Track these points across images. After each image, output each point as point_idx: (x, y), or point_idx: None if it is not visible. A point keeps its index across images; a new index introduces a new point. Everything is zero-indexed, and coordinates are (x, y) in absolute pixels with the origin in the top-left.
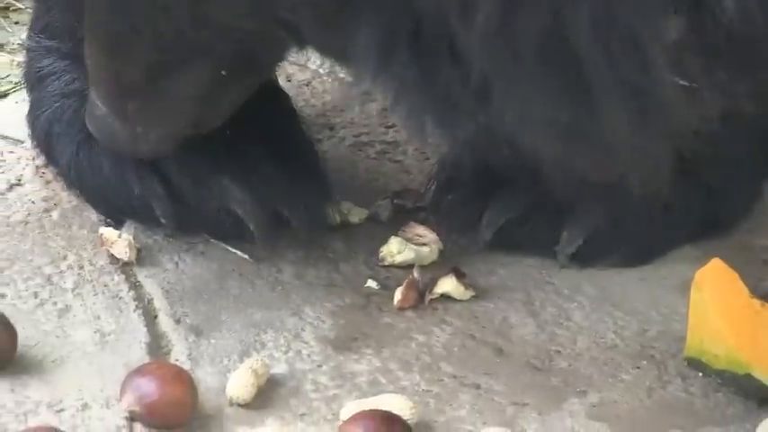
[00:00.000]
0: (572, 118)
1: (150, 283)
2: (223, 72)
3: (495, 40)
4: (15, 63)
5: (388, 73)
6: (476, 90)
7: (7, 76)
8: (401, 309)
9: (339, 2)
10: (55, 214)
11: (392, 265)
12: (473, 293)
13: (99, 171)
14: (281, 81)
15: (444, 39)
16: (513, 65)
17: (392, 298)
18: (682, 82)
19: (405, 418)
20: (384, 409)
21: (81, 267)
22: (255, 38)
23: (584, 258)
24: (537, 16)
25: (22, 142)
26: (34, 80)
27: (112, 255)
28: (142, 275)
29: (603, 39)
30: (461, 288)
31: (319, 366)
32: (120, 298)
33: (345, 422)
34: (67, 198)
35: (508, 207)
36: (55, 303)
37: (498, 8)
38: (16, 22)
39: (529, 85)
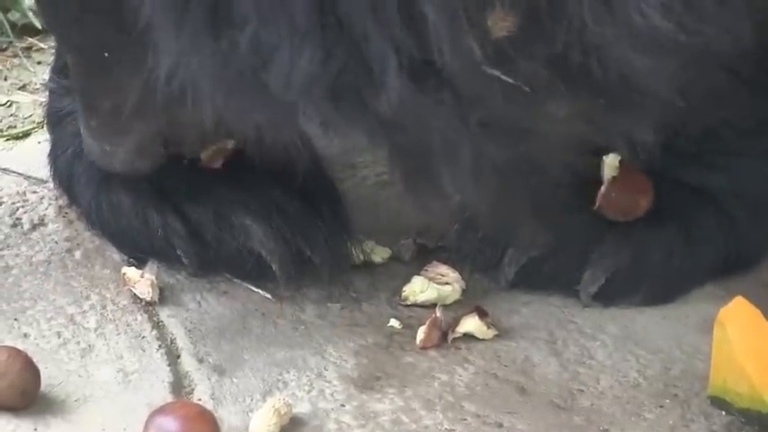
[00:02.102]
0: (347, 81)
1: (173, 323)
2: None
3: (267, 3)
4: (38, 103)
5: (180, 35)
6: (251, 51)
7: (30, 115)
8: (424, 348)
9: None
10: (78, 254)
11: (415, 305)
12: (496, 332)
13: (120, 211)
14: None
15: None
16: (282, 23)
17: (415, 337)
18: (503, 77)
19: None
20: None
21: (104, 307)
22: None
23: (606, 297)
24: None
25: (45, 182)
26: (54, 120)
27: (135, 294)
28: (165, 315)
29: (376, 7)
30: (484, 327)
31: (342, 406)
32: (143, 337)
33: None
34: (90, 238)
35: (530, 246)
36: (78, 343)
37: None
38: (39, 62)
39: (295, 49)
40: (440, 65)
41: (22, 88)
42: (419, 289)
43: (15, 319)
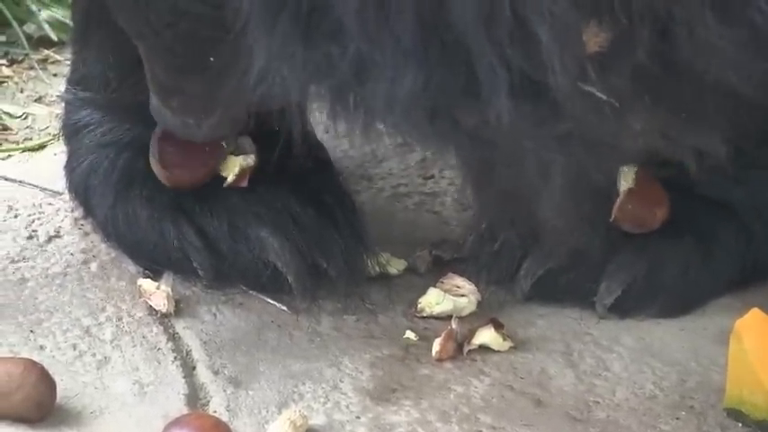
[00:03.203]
0: (449, 101)
1: (188, 335)
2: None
3: (372, 18)
4: (54, 115)
5: (272, 39)
6: (352, 68)
7: (46, 128)
8: (439, 360)
9: None
10: (93, 266)
11: (430, 317)
12: (511, 344)
13: (136, 223)
14: (319, 133)
15: (323, 11)
16: (388, 44)
17: (430, 349)
18: (598, 93)
19: None
20: None
21: (119, 319)
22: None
23: (622, 309)
24: None
25: (61, 194)
26: (71, 132)
27: (151, 306)
28: (180, 327)
29: (487, 22)
30: (500, 339)
31: (357, 418)
32: (159, 349)
33: None
34: (106, 250)
35: (547, 258)
36: (94, 355)
37: None
38: (55, 75)
39: (403, 66)
40: (551, 84)
41: (38, 100)
42: (435, 301)
43: (31, 331)
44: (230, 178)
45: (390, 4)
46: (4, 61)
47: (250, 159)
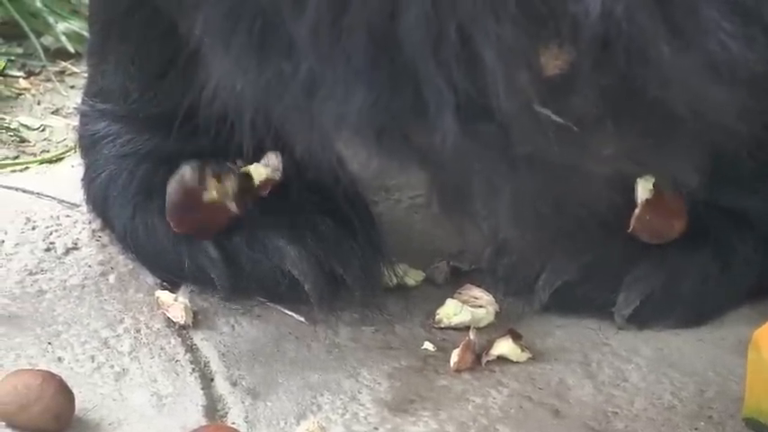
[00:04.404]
0: (399, 120)
1: (206, 346)
2: None
3: (324, 36)
4: (71, 127)
5: (227, 57)
6: (303, 85)
7: (63, 140)
8: (458, 371)
9: None
10: (111, 278)
11: (448, 328)
12: (530, 355)
13: (154, 235)
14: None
15: (279, 28)
16: (338, 63)
17: (449, 360)
18: (554, 117)
19: None
20: None
21: (138, 331)
22: None
23: (640, 320)
24: (368, 13)
25: (78, 206)
26: (88, 144)
27: (169, 318)
28: (198, 338)
29: (435, 43)
30: (518, 350)
31: (376, 429)
32: (177, 361)
33: None
34: (124, 262)
35: (565, 269)
36: (112, 366)
37: (331, 3)
38: (72, 87)
39: (354, 84)
40: (495, 107)
41: (56, 112)
42: (453, 312)
43: (49, 343)
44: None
45: (342, 23)
46: (21, 73)
47: (277, 174)
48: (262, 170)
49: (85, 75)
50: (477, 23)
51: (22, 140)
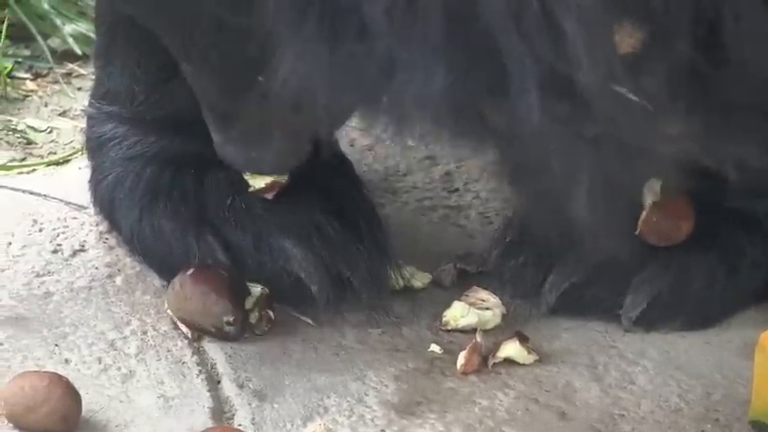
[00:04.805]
0: (480, 102)
1: (213, 348)
2: None
3: (400, 16)
4: (78, 129)
5: (298, 41)
6: (380, 67)
7: (70, 142)
8: (464, 373)
9: None
10: (118, 280)
11: (455, 330)
12: (536, 357)
13: (161, 236)
14: (344, 146)
15: (350, 10)
16: (417, 42)
17: (455, 362)
18: (629, 95)
19: None
20: None
21: (144, 333)
22: None
23: (648, 322)
24: None
25: (85, 208)
26: (95, 146)
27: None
28: (205, 340)
29: (518, 17)
30: (524, 352)
31: (382, 431)
32: (184, 363)
33: None
34: (131, 264)
35: (572, 271)
36: (119, 368)
37: None
38: (79, 88)
39: (432, 65)
40: (576, 81)
41: (63, 114)
42: (460, 314)
43: (56, 345)
44: (258, 185)
45: (418, 1)
46: (28, 75)
47: (283, 177)
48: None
49: (92, 77)
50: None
51: (29, 142)
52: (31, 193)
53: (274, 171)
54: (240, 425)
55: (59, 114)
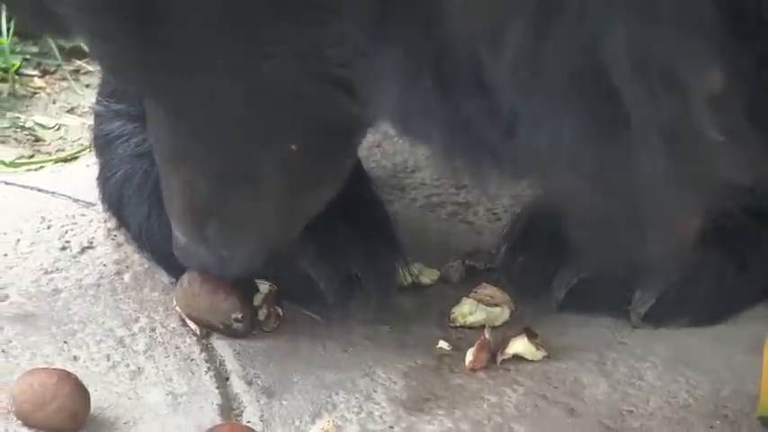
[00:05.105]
0: (603, 154)
1: (222, 345)
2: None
3: (525, 71)
4: (86, 126)
5: (411, 99)
6: (501, 122)
7: (78, 138)
8: (473, 370)
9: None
10: (127, 277)
11: (464, 326)
12: (545, 354)
13: (169, 234)
14: None
15: (469, 66)
16: (542, 97)
17: (464, 359)
18: (710, 132)
19: None
20: None
21: (153, 330)
22: (320, 115)
23: (656, 318)
24: (569, 46)
25: (94, 205)
26: (103, 143)
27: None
28: (213, 337)
29: (642, 72)
30: (533, 348)
31: (391, 428)
32: (192, 360)
33: None
34: (139, 261)
35: (581, 267)
36: (127, 365)
37: (529, 37)
38: (87, 85)
39: (558, 119)
40: (699, 128)
41: (71, 111)
42: (468, 311)
43: (65, 342)
44: None
45: (544, 54)
46: (36, 72)
47: None
48: None
49: (100, 73)
50: (676, 45)
51: (38, 139)
52: (40, 190)
53: (241, 272)
54: (249, 422)
55: (67, 111)
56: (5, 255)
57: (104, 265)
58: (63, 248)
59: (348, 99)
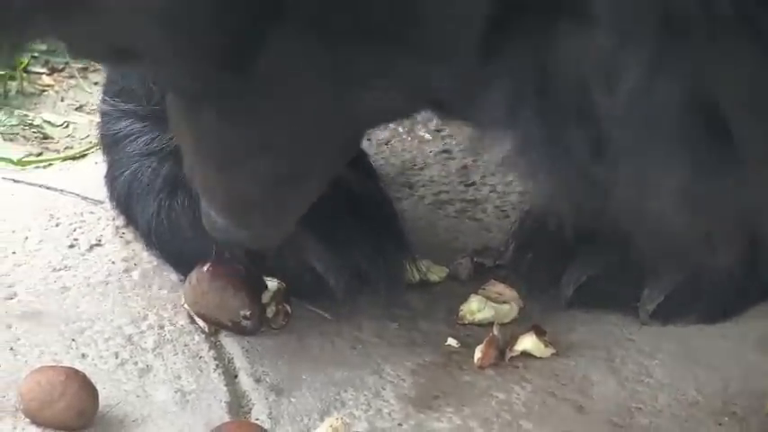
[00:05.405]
0: (715, 188)
1: (230, 343)
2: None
3: (637, 108)
4: (94, 124)
5: (514, 127)
6: (602, 153)
7: (87, 136)
8: (481, 367)
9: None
10: (135, 274)
11: (472, 324)
12: (553, 351)
13: (178, 231)
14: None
15: (572, 98)
16: (651, 132)
17: (472, 356)
18: None
19: None
20: None
21: (161, 327)
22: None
23: (665, 315)
24: (681, 82)
25: (102, 203)
26: (110, 142)
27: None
28: (222, 335)
29: (754, 101)
30: (542, 345)
31: (400, 425)
32: (201, 357)
33: None
34: (147, 258)
35: (589, 264)
36: (136, 363)
37: (644, 75)
38: (95, 83)
39: (670, 153)
40: None
41: (79, 109)
42: (476, 308)
43: (73, 340)
44: None
45: (657, 91)
46: (44, 70)
47: None
48: None
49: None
50: None
51: (46, 137)
52: (48, 187)
53: (276, 244)
54: (257, 419)
55: (76, 109)
56: (14, 252)
57: (113, 263)
58: (71, 246)
59: (441, 114)
